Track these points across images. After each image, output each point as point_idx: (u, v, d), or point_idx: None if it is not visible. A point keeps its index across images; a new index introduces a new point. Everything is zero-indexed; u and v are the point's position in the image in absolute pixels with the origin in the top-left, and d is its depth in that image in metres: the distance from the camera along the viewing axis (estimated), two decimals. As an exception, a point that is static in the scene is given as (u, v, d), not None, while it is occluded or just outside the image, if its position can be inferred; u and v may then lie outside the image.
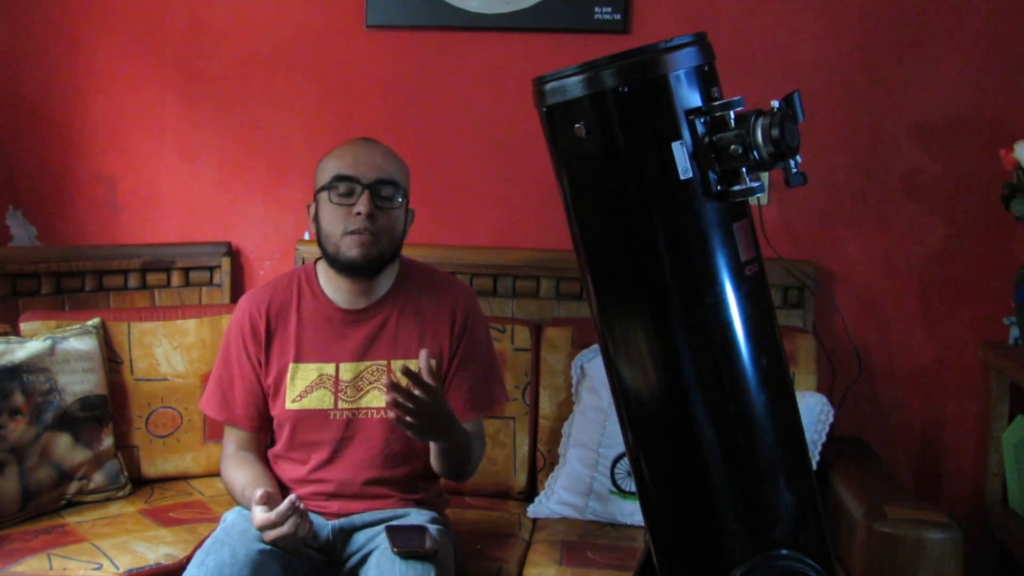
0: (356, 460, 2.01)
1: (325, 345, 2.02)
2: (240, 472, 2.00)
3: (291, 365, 2.02)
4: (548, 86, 1.33)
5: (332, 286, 2.05)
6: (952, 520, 1.92)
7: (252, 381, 2.04)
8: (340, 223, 1.96)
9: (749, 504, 1.37)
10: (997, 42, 2.57)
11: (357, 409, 2.01)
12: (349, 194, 1.96)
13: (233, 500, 2.06)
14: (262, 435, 2.09)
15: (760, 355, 1.35)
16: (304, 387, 2.01)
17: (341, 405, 2.01)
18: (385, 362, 2.02)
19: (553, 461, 2.47)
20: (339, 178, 1.96)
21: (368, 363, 2.02)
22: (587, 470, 2.37)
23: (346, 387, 2.01)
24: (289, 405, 2.01)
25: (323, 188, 1.99)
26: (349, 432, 2.01)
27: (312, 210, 2.04)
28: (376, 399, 2.01)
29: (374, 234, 1.95)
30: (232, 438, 2.08)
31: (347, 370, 2.02)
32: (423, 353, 1.80)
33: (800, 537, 1.38)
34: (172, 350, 2.51)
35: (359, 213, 1.94)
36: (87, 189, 2.86)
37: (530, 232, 2.73)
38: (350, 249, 1.96)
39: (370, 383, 2.02)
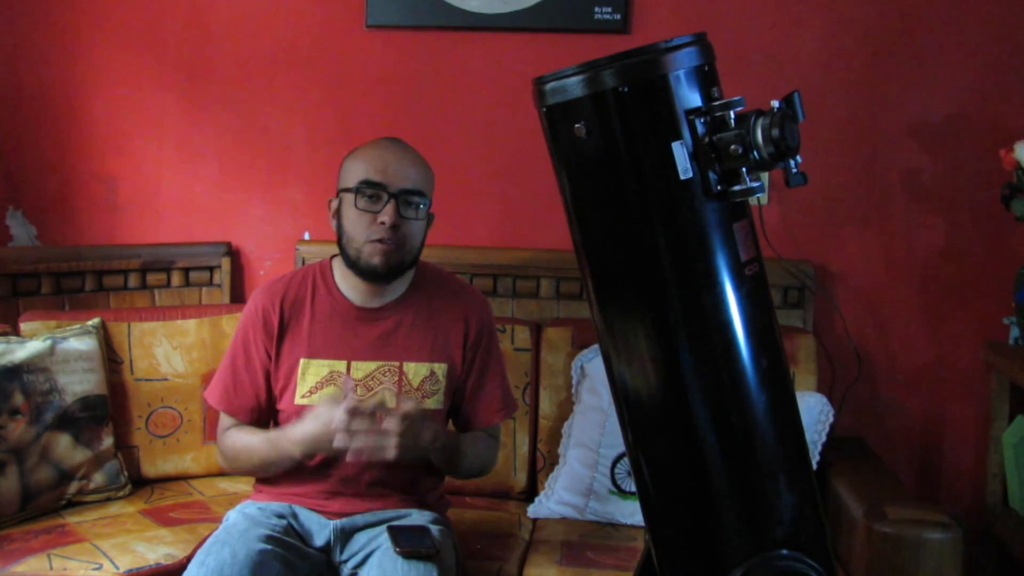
0: (361, 459, 2.01)
1: (338, 342, 2.02)
2: (249, 431, 2.00)
3: (303, 360, 2.01)
4: (548, 86, 1.33)
5: (348, 284, 2.05)
6: (952, 520, 1.92)
7: (258, 375, 2.04)
8: (364, 229, 1.95)
9: (749, 504, 1.37)
10: (997, 42, 2.57)
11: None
12: (375, 200, 1.95)
13: (244, 468, 2.04)
14: (260, 426, 2.08)
15: (760, 355, 1.35)
16: (315, 383, 2.01)
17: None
18: (397, 363, 2.02)
19: (553, 461, 2.47)
20: (367, 183, 1.95)
21: (380, 363, 2.02)
22: (587, 470, 2.37)
23: (357, 385, 2.01)
24: (299, 400, 2.01)
25: (348, 190, 1.98)
26: None
27: (333, 206, 2.03)
28: (386, 399, 2.01)
29: (397, 243, 1.95)
30: (230, 419, 2.07)
31: (359, 368, 2.02)
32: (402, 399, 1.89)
33: (800, 537, 1.38)
34: (172, 350, 2.51)
35: (383, 223, 1.93)
36: (87, 189, 2.86)
37: (530, 232, 2.73)
38: (372, 256, 1.95)
39: (380, 383, 2.02)
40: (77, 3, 2.80)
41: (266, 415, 2.07)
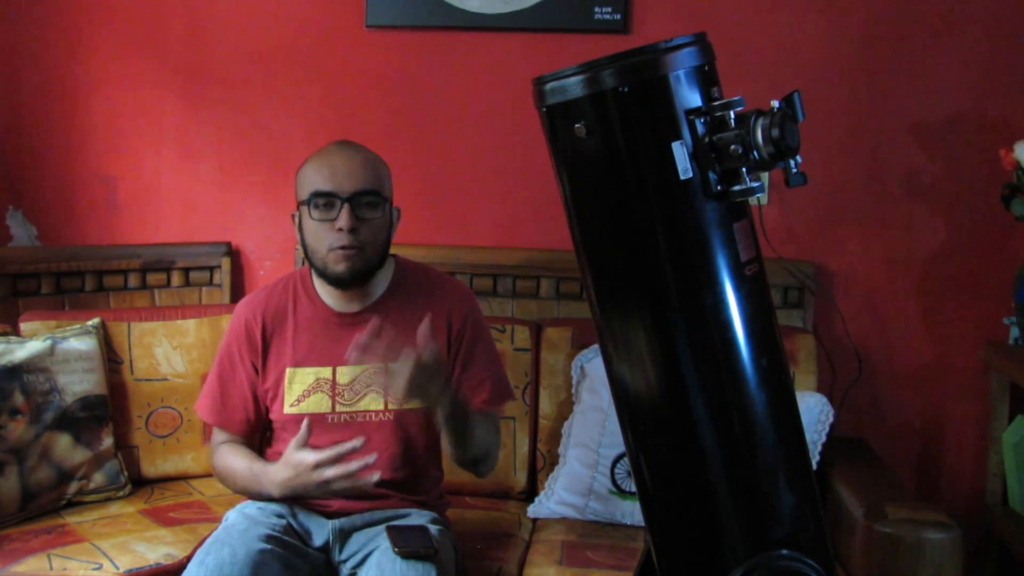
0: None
1: (322, 349, 2.02)
2: (238, 456, 2.00)
3: (288, 370, 2.02)
4: (548, 86, 1.33)
5: (327, 290, 2.04)
6: (952, 520, 1.92)
7: (246, 388, 2.04)
8: (324, 239, 1.94)
9: (749, 504, 1.37)
10: (997, 42, 2.57)
11: (355, 412, 2.01)
12: (329, 208, 1.94)
13: (231, 488, 2.05)
14: (253, 438, 2.10)
15: (760, 355, 1.35)
16: (302, 391, 2.01)
17: (339, 408, 2.01)
18: (383, 365, 2.01)
19: (553, 461, 2.47)
20: (317, 194, 1.94)
21: (365, 366, 2.01)
22: (587, 470, 2.37)
23: (343, 390, 2.01)
24: (287, 409, 2.01)
25: (304, 203, 1.97)
26: (348, 435, 2.00)
27: (296, 220, 2.03)
28: (374, 402, 2.01)
29: (359, 247, 1.94)
30: (223, 434, 2.09)
31: (344, 374, 2.02)
32: (426, 320, 1.81)
33: (800, 537, 1.38)
34: (172, 350, 2.51)
35: (341, 229, 1.92)
36: (87, 189, 2.86)
37: (530, 232, 2.73)
38: (336, 264, 1.94)
39: (367, 386, 2.01)
40: (77, 3, 2.80)
41: (257, 427, 2.08)
